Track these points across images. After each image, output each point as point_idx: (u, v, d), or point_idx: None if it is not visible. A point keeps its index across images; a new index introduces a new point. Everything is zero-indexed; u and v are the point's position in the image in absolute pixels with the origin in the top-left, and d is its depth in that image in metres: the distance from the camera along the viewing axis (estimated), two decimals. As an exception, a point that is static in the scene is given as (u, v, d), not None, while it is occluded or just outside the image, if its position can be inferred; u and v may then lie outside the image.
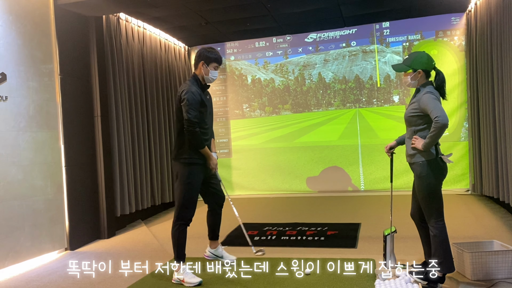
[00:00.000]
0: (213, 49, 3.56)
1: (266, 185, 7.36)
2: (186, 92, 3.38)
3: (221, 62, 3.59)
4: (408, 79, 3.07)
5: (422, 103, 2.90)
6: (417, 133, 3.02)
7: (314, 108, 7.41)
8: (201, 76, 3.54)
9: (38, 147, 4.35)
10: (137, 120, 5.95)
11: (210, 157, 3.56)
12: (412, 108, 3.02)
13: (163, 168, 6.53)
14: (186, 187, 3.48)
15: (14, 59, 4.14)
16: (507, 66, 4.52)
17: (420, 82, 3.05)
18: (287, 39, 7.43)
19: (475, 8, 5.85)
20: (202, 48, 3.57)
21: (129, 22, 5.88)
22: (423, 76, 3.03)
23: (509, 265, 3.15)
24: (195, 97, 3.39)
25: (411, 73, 3.05)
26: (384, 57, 7.00)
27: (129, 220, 5.70)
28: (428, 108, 2.85)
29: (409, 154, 3.12)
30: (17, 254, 4.06)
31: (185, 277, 3.42)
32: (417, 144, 2.96)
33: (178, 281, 3.47)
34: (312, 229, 4.90)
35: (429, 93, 2.91)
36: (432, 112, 2.81)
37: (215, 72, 3.55)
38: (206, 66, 3.50)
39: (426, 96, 2.89)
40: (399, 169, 6.85)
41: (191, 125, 3.35)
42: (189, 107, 3.35)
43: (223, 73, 7.70)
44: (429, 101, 2.86)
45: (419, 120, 2.99)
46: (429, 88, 2.96)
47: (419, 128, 3.01)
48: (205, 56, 3.50)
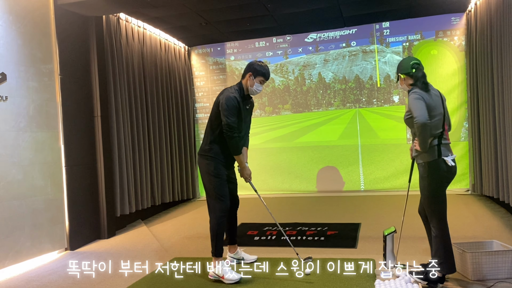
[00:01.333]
0: (263, 64, 3.66)
1: (266, 185, 7.36)
2: (226, 97, 3.49)
3: (268, 78, 3.69)
4: (399, 85, 3.34)
5: (409, 105, 3.03)
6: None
7: (314, 108, 7.41)
8: (245, 86, 3.64)
9: (38, 147, 4.35)
10: (137, 120, 5.95)
11: (243, 166, 3.65)
12: (406, 112, 3.13)
13: (163, 168, 6.53)
14: (215, 179, 3.54)
15: (14, 59, 4.14)
16: (507, 66, 4.52)
17: (408, 86, 3.17)
18: (287, 39, 7.43)
19: (475, 8, 5.85)
20: (254, 60, 3.69)
21: (129, 22, 5.88)
22: (408, 79, 3.15)
23: (509, 265, 3.15)
24: (234, 103, 3.48)
25: (400, 80, 3.23)
26: (384, 57, 7.00)
27: (129, 220, 5.70)
28: (411, 109, 2.97)
29: (413, 156, 3.20)
30: (17, 254, 4.06)
31: (224, 274, 3.40)
32: (416, 146, 3.02)
33: (216, 277, 3.44)
34: (312, 229, 4.90)
35: (412, 93, 3.03)
36: (413, 114, 2.94)
37: (260, 86, 3.65)
38: (253, 78, 3.60)
39: (410, 98, 3.02)
40: (399, 169, 6.86)
41: (230, 129, 3.45)
42: (227, 112, 3.45)
43: (223, 73, 7.70)
44: (411, 102, 2.99)
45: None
46: (413, 89, 3.07)
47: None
48: (254, 68, 3.60)
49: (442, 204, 3.03)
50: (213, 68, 7.74)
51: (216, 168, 3.55)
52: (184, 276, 3.59)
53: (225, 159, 3.60)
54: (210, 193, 3.57)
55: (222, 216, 3.53)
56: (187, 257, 4.15)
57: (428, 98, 3.01)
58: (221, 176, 3.56)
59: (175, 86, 7.04)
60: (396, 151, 6.93)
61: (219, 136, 3.55)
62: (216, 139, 3.57)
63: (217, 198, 3.53)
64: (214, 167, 3.55)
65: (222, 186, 3.56)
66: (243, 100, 3.61)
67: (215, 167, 3.55)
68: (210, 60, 7.75)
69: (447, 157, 3.00)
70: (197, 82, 7.82)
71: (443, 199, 3.04)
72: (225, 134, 3.47)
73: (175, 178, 6.85)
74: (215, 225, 3.51)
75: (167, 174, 6.63)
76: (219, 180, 3.55)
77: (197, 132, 7.78)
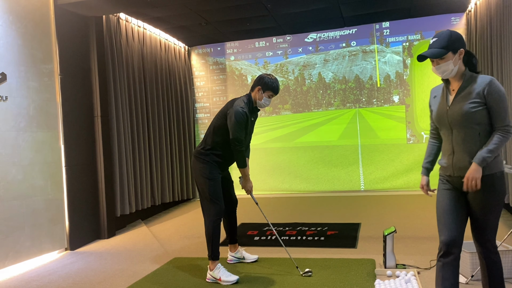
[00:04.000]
0: (273, 78, 3.63)
1: (266, 185, 7.36)
2: (236, 112, 3.45)
3: (277, 92, 3.68)
4: (449, 65, 2.29)
5: (496, 97, 2.23)
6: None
7: (314, 108, 7.42)
8: (254, 99, 3.64)
9: (38, 147, 4.35)
10: (137, 120, 5.95)
11: (248, 178, 3.67)
12: (472, 101, 2.26)
13: (163, 168, 6.53)
14: (210, 182, 3.52)
15: (14, 59, 4.14)
16: (507, 66, 4.52)
17: (462, 65, 2.33)
18: (287, 39, 7.44)
19: (475, 8, 5.85)
20: (265, 74, 3.66)
21: (129, 22, 5.88)
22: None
23: (509, 265, 3.15)
24: (243, 119, 3.47)
25: (451, 56, 2.29)
26: (384, 57, 7.00)
27: (129, 220, 5.70)
28: (502, 104, 2.23)
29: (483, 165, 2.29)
30: (17, 254, 4.06)
31: (221, 276, 3.40)
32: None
33: (213, 279, 3.43)
34: (312, 229, 4.91)
35: (495, 81, 2.26)
36: (504, 112, 2.25)
37: (268, 100, 3.64)
38: (262, 92, 3.59)
39: (495, 84, 2.24)
40: (399, 169, 6.86)
41: (238, 144, 3.46)
42: (237, 126, 3.44)
43: (223, 73, 7.70)
44: (501, 92, 2.23)
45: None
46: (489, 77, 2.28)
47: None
48: (264, 83, 3.58)
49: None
50: (213, 68, 7.75)
51: (211, 171, 3.54)
52: (184, 276, 3.59)
53: (220, 167, 3.61)
54: (204, 196, 3.55)
55: (217, 219, 3.50)
56: (187, 257, 4.15)
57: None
58: (216, 179, 3.54)
59: (175, 86, 7.04)
60: (396, 151, 6.93)
61: (220, 145, 3.55)
62: (216, 146, 3.56)
63: (212, 201, 3.50)
64: (209, 170, 3.53)
65: (217, 189, 3.53)
66: (251, 113, 3.62)
67: (210, 170, 3.53)
68: (210, 60, 7.75)
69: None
70: (197, 82, 7.82)
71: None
72: (233, 148, 3.48)
73: (175, 178, 6.86)
74: (210, 229, 3.48)
75: (167, 174, 6.63)
76: (214, 183, 3.52)
77: (197, 132, 7.78)
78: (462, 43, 2.31)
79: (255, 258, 3.93)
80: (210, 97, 7.73)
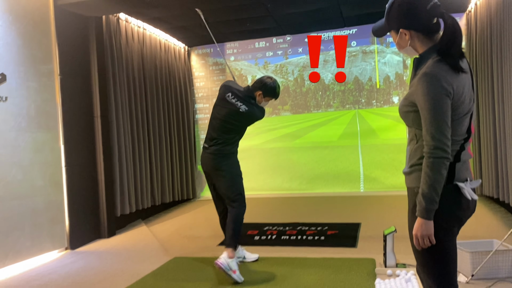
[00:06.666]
0: (274, 84, 3.72)
1: (266, 185, 7.36)
2: (262, 111, 3.74)
3: (277, 98, 3.81)
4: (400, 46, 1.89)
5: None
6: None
7: (313, 109, 7.42)
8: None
9: (38, 147, 4.35)
10: (137, 120, 5.95)
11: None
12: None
13: (163, 168, 6.53)
14: (241, 178, 3.79)
15: (14, 59, 4.15)
16: (507, 66, 4.53)
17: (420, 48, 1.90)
18: (287, 40, 7.44)
19: (475, 8, 5.86)
20: (267, 77, 3.72)
21: (129, 23, 5.88)
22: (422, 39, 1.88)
23: (509, 265, 3.16)
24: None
25: (394, 36, 1.88)
26: (384, 58, 7.01)
27: (129, 220, 5.70)
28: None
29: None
30: (17, 253, 4.06)
31: (237, 269, 3.38)
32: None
33: (227, 268, 3.30)
34: (312, 229, 4.91)
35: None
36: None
37: (267, 103, 3.79)
38: (262, 96, 3.71)
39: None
40: (399, 169, 6.86)
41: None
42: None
43: (223, 74, 7.70)
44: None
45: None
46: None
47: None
48: (266, 88, 3.67)
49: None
50: (213, 68, 7.75)
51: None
52: (184, 276, 3.59)
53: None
54: (235, 188, 3.68)
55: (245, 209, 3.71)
56: (187, 257, 4.15)
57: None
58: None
59: (175, 86, 7.04)
60: (396, 151, 6.93)
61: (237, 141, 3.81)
62: (238, 144, 3.82)
63: (242, 194, 3.70)
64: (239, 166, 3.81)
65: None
66: (244, 102, 3.76)
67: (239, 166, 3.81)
68: (210, 61, 7.75)
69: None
70: (197, 83, 7.82)
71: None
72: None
73: (175, 178, 6.86)
74: (243, 215, 3.65)
75: (167, 174, 6.63)
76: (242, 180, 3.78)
77: (197, 132, 7.78)
78: (403, 21, 1.70)
79: (255, 257, 3.94)
80: (210, 97, 7.73)
